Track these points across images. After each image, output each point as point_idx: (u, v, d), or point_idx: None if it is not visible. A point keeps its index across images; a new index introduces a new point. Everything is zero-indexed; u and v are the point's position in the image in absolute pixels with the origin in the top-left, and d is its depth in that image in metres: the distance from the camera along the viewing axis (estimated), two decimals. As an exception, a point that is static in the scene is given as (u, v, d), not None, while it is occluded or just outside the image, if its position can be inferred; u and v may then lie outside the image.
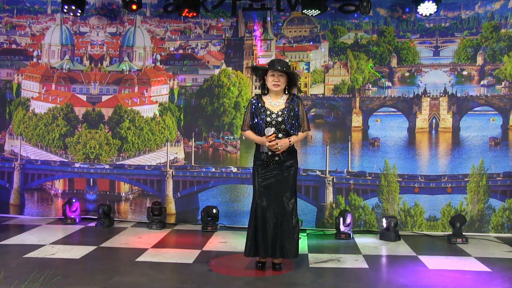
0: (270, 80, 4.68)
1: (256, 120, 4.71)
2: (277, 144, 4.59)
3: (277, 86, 4.66)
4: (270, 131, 4.58)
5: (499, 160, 6.68)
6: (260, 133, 4.69)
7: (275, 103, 4.72)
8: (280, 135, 4.66)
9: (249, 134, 4.79)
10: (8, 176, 7.54)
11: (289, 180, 4.72)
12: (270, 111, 4.69)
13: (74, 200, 7.11)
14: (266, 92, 4.79)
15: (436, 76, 6.93)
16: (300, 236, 6.30)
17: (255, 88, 7.09)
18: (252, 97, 4.83)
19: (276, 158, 4.69)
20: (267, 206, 4.67)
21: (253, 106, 4.73)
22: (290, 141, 4.66)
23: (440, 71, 6.95)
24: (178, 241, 6.15)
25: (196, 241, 6.07)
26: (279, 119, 4.67)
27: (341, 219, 6.24)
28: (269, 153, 4.68)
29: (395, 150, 6.91)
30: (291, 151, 4.75)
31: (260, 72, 4.79)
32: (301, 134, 4.77)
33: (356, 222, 6.75)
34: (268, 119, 4.67)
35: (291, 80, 4.72)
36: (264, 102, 4.73)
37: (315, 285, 4.42)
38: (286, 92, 4.77)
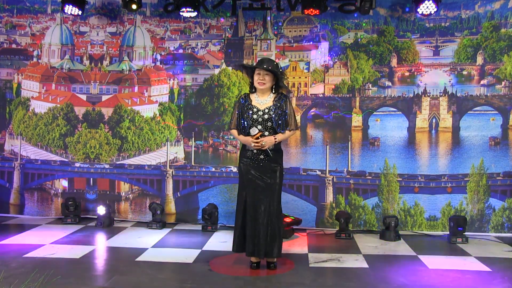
0: (256, 79, 4.74)
1: (242, 118, 4.75)
2: (261, 141, 4.61)
3: (262, 84, 4.71)
4: (255, 130, 4.64)
5: (499, 159, 6.68)
6: (245, 130, 4.72)
7: (262, 101, 4.76)
8: (266, 133, 4.70)
9: (235, 133, 4.84)
10: (8, 175, 7.54)
11: (275, 180, 4.73)
12: (257, 108, 4.74)
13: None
14: (253, 90, 4.84)
15: (436, 76, 6.93)
16: (298, 235, 6.36)
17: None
18: (240, 96, 4.91)
19: (261, 157, 4.71)
20: (255, 205, 4.69)
21: (241, 104, 4.79)
22: (275, 139, 4.68)
23: (440, 71, 6.95)
24: (178, 241, 6.15)
25: (196, 241, 6.07)
26: (266, 116, 4.71)
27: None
28: (255, 151, 4.71)
29: (395, 149, 6.91)
30: (277, 151, 4.77)
31: (249, 71, 4.85)
32: (287, 133, 4.79)
33: (356, 221, 6.76)
34: (255, 116, 4.71)
35: (278, 79, 4.75)
36: (251, 100, 4.78)
37: (315, 285, 4.42)
38: (274, 92, 4.80)
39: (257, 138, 4.63)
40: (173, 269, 4.91)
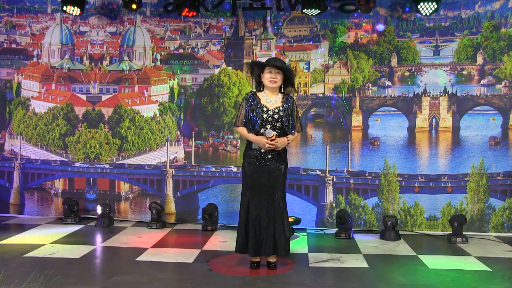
0: (267, 77, 4.68)
1: (251, 116, 4.70)
2: (277, 142, 4.60)
3: (274, 83, 4.67)
4: (271, 133, 4.58)
5: (499, 159, 6.68)
6: (255, 129, 4.68)
7: (271, 101, 4.73)
8: (274, 133, 4.66)
9: (243, 131, 4.76)
10: (8, 175, 7.54)
11: (280, 179, 4.73)
12: (266, 107, 4.69)
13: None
14: (261, 89, 4.80)
15: (436, 76, 6.93)
16: (298, 234, 6.37)
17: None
18: (247, 93, 4.83)
19: (269, 156, 4.69)
20: (259, 205, 4.67)
21: (248, 103, 4.73)
22: (288, 140, 4.68)
23: (440, 71, 6.95)
24: (178, 240, 6.15)
25: (196, 240, 6.08)
26: (276, 116, 4.68)
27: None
28: (262, 150, 4.68)
29: (395, 149, 6.91)
30: (283, 151, 4.76)
31: (256, 69, 4.79)
32: (296, 134, 4.79)
33: (356, 221, 6.76)
34: (265, 115, 4.68)
35: (287, 79, 4.74)
36: (259, 99, 4.73)
37: (315, 285, 4.42)
38: (282, 91, 4.79)
39: (272, 139, 4.59)
40: (173, 269, 4.91)
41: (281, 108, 4.70)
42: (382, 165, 6.85)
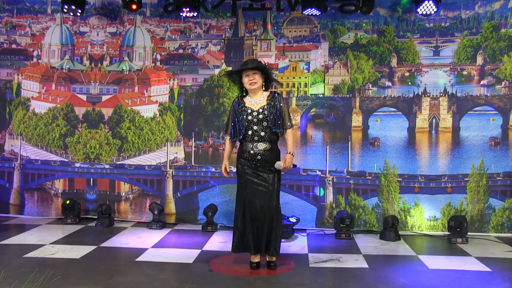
0: (246, 81, 4.75)
1: (238, 121, 4.77)
2: (287, 166, 4.67)
3: (254, 84, 4.73)
4: (280, 165, 4.65)
5: (499, 160, 6.68)
6: (241, 132, 4.74)
7: (256, 101, 4.78)
8: (262, 133, 4.70)
9: (226, 140, 4.92)
10: (8, 176, 7.54)
11: (274, 181, 4.75)
12: (251, 109, 4.75)
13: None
14: (245, 94, 4.86)
15: (436, 76, 6.93)
16: (297, 235, 6.36)
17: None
18: (234, 100, 4.92)
19: (258, 157, 4.72)
20: (252, 205, 4.70)
21: (234, 108, 4.82)
22: (292, 154, 4.72)
23: (440, 71, 6.95)
24: (178, 241, 6.15)
25: (196, 241, 6.08)
26: (260, 116, 4.73)
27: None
28: (251, 151, 4.71)
29: (395, 150, 6.91)
30: (274, 151, 4.78)
31: (235, 76, 4.86)
32: (289, 133, 4.78)
33: (356, 222, 6.75)
34: (250, 117, 4.73)
35: (267, 76, 4.78)
36: (244, 103, 4.81)
37: (315, 285, 4.42)
38: (265, 89, 4.83)
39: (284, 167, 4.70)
40: (173, 269, 4.91)
41: (265, 107, 4.74)
42: (382, 166, 6.85)
